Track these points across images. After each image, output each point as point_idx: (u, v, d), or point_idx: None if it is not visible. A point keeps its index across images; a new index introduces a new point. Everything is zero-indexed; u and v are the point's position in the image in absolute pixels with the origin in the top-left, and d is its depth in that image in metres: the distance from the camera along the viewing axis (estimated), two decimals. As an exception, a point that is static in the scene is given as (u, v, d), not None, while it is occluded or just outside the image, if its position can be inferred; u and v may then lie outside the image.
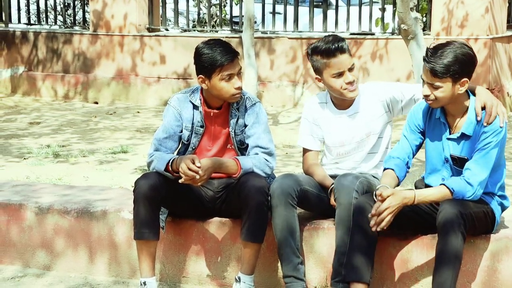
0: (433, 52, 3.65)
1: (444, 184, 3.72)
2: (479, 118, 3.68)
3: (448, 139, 3.80)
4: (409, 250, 3.97)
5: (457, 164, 3.79)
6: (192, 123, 4.14)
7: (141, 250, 4.00)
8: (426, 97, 3.71)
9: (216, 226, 4.27)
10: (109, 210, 4.44)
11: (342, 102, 4.15)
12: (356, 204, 3.79)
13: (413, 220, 3.87)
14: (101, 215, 4.44)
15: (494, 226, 3.86)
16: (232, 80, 4.02)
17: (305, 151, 4.26)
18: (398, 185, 3.91)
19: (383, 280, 4.02)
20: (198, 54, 4.08)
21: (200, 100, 4.14)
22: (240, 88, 4.04)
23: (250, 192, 3.90)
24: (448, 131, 3.80)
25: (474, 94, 3.78)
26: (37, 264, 4.56)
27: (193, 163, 3.88)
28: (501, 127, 3.68)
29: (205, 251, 4.30)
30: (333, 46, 4.00)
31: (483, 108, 3.69)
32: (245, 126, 4.12)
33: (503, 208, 3.90)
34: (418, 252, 3.96)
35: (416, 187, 4.03)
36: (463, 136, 3.75)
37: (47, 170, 6.61)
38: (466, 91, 3.75)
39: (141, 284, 4.00)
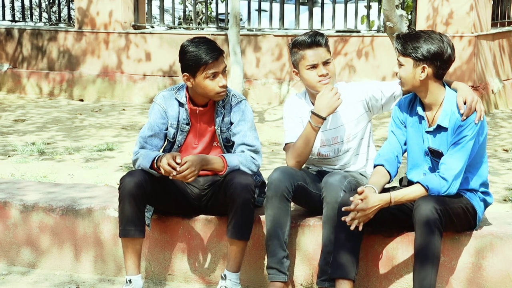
0: (409, 32, 3.79)
1: (419, 182, 3.76)
2: (462, 111, 3.70)
3: (427, 132, 3.83)
4: (394, 247, 3.99)
5: (435, 157, 3.82)
6: (178, 121, 4.14)
7: (126, 247, 3.99)
8: (395, 74, 3.82)
9: (202, 224, 4.26)
10: (95, 208, 4.43)
11: None
12: (340, 201, 3.80)
13: (398, 217, 3.89)
14: (86, 212, 4.43)
15: (477, 222, 3.88)
16: (216, 78, 4.01)
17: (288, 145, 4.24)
18: (390, 181, 3.93)
19: (369, 277, 4.03)
20: (183, 52, 4.07)
21: (186, 97, 4.14)
22: (225, 87, 4.04)
23: (236, 190, 3.90)
24: (426, 124, 3.83)
25: (453, 89, 3.81)
26: (22, 262, 4.55)
27: (174, 159, 3.88)
28: (475, 124, 3.70)
29: (190, 249, 4.29)
30: (310, 39, 4.07)
31: (464, 103, 3.72)
32: (231, 123, 4.12)
33: (486, 204, 3.92)
34: (403, 249, 3.98)
35: (400, 184, 4.04)
36: (440, 128, 3.79)
37: (32, 167, 6.58)
38: (443, 84, 3.80)
39: (126, 282, 4.00)
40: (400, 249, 3.98)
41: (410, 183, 3.90)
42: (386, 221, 3.89)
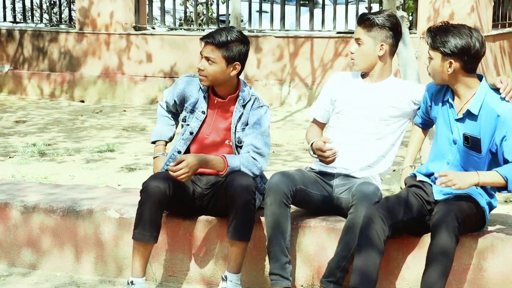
0: (441, 26, 3.79)
1: (497, 172, 3.71)
2: (499, 87, 3.72)
3: (456, 120, 3.83)
4: (396, 249, 3.98)
5: (470, 145, 3.79)
6: (194, 106, 4.16)
7: (137, 250, 4.00)
8: (427, 67, 3.84)
9: (203, 225, 4.26)
10: (95, 209, 4.42)
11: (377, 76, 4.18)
12: (370, 216, 3.75)
13: (407, 228, 3.88)
14: (87, 214, 4.42)
15: (485, 225, 3.88)
16: (201, 60, 4.08)
17: None
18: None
19: (370, 278, 4.02)
20: None
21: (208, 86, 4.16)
22: (200, 70, 4.06)
23: (237, 191, 3.90)
24: (455, 112, 3.84)
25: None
26: (22, 263, 4.54)
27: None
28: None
29: (192, 250, 4.29)
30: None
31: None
32: (247, 125, 4.13)
33: (491, 207, 3.92)
34: (405, 251, 3.97)
35: (405, 184, 4.03)
36: (469, 115, 3.78)
37: (33, 168, 6.58)
38: (477, 77, 3.80)
39: (128, 283, 4.00)
40: (401, 250, 3.98)
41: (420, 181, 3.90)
42: (399, 231, 3.88)
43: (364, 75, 4.20)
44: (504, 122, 3.70)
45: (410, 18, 10.20)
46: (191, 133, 4.15)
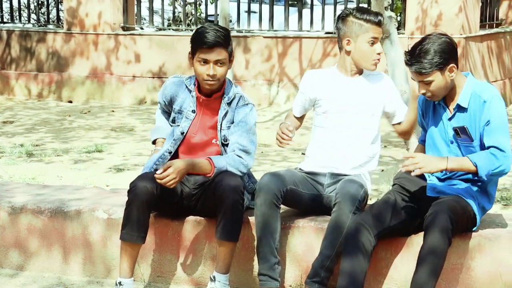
0: (412, 53, 3.74)
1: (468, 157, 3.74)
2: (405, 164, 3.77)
3: (449, 119, 3.85)
4: (384, 249, 3.99)
5: (459, 136, 3.81)
6: (182, 106, 4.17)
7: (125, 250, 4.00)
8: (424, 95, 3.80)
9: (192, 226, 4.26)
10: (83, 210, 4.41)
11: (355, 71, 4.21)
12: (353, 224, 3.78)
13: (397, 230, 3.89)
14: (75, 214, 4.41)
15: (475, 227, 3.89)
16: (206, 65, 4.02)
17: None
18: None
19: (358, 278, 4.03)
20: (195, 30, 4.15)
21: (194, 85, 4.15)
22: (213, 76, 4.02)
23: (225, 191, 3.90)
24: (448, 113, 3.86)
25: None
26: (10, 264, 4.52)
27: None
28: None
29: (180, 250, 4.28)
30: (377, 19, 4.11)
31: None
32: (233, 122, 4.13)
33: (484, 211, 3.92)
34: (393, 250, 3.98)
35: (394, 184, 4.04)
36: (459, 109, 3.80)
37: (21, 169, 6.56)
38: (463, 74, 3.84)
39: (116, 284, 3.99)
40: (389, 250, 3.99)
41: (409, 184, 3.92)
42: (387, 235, 3.89)
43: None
44: (489, 107, 3.74)
45: (398, 18, 10.22)
46: (181, 133, 4.15)
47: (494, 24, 10.99)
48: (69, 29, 11.12)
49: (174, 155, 4.15)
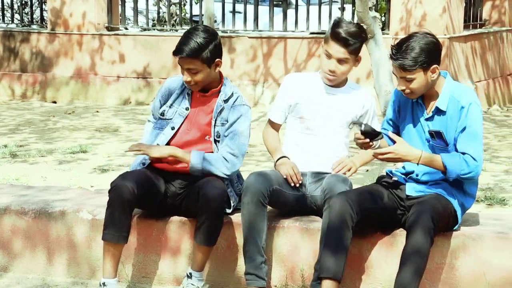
0: (398, 48, 3.74)
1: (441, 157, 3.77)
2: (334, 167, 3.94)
3: (426, 119, 3.87)
4: (368, 248, 4.00)
5: (436, 139, 3.83)
6: (174, 101, 4.18)
7: (107, 251, 4.00)
8: (402, 91, 3.80)
9: (176, 226, 4.25)
10: (68, 211, 4.40)
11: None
12: (332, 201, 3.79)
13: (378, 218, 3.90)
14: (59, 215, 4.39)
15: (457, 225, 3.92)
16: (183, 71, 4.07)
17: None
18: None
19: (343, 278, 4.03)
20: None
21: None
22: (188, 82, 4.07)
23: (208, 198, 3.92)
24: (425, 112, 3.87)
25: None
26: (-6, 265, 4.50)
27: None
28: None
29: (164, 251, 4.28)
30: (343, 35, 4.02)
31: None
32: (227, 120, 4.13)
33: (464, 208, 3.95)
34: (377, 249, 3.99)
35: (378, 182, 4.05)
36: (438, 112, 3.83)
37: (4, 170, 6.52)
38: (441, 74, 3.85)
39: (100, 285, 3.99)
40: (374, 250, 4.00)
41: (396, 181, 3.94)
42: (371, 220, 3.90)
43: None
44: (467, 114, 3.77)
45: (383, 18, 10.25)
46: (172, 128, 4.15)
47: (478, 25, 11.04)
48: (53, 29, 11.08)
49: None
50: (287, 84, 4.27)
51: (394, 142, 3.79)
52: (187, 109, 4.16)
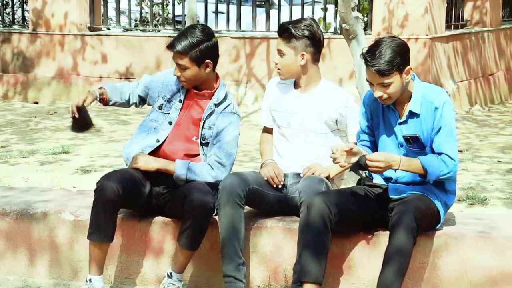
0: (371, 55, 3.73)
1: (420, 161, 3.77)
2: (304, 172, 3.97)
3: (399, 123, 3.87)
4: (350, 248, 4.01)
5: (412, 143, 3.84)
6: (172, 95, 4.20)
7: (93, 250, 4.02)
8: (379, 98, 3.78)
9: (159, 227, 4.24)
10: (50, 212, 4.37)
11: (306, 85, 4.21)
12: (310, 202, 3.79)
13: (358, 218, 3.91)
14: (41, 216, 4.37)
15: (439, 224, 3.93)
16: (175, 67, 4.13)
17: None
18: None
19: (326, 277, 4.03)
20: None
21: None
22: (178, 77, 4.12)
23: (195, 204, 3.92)
24: (398, 116, 3.88)
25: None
26: (-25, 267, 4.47)
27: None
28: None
29: (147, 252, 4.27)
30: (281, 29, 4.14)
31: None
32: (214, 125, 4.14)
33: (447, 207, 3.97)
34: (360, 249, 4.00)
35: (358, 184, 4.06)
36: (411, 115, 3.83)
37: (-14, 171, 6.48)
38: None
39: (86, 281, 4.02)
40: (356, 250, 4.01)
41: (374, 185, 3.94)
42: (351, 221, 3.90)
43: (295, 84, 4.23)
44: (442, 114, 3.79)
45: (365, 19, 10.28)
46: (170, 123, 4.17)
47: (460, 25, 11.10)
48: (34, 29, 11.02)
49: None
50: (267, 90, 4.35)
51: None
52: (180, 101, 4.19)
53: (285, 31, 4.11)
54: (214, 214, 4.09)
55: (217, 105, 4.16)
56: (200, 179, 4.07)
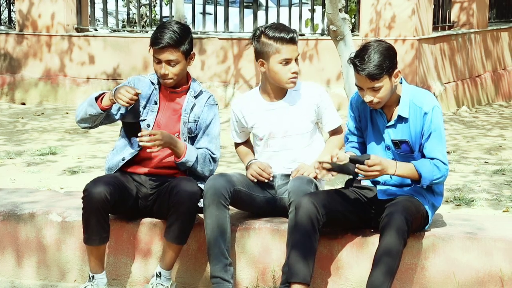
0: (360, 59, 3.73)
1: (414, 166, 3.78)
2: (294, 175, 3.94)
3: (387, 127, 3.88)
4: (339, 249, 4.02)
5: (399, 148, 3.85)
6: (148, 100, 4.16)
7: (90, 252, 4.05)
8: (369, 102, 3.78)
9: (147, 228, 4.24)
10: (37, 213, 4.36)
11: (277, 92, 4.15)
12: (298, 202, 3.80)
13: (346, 219, 3.91)
14: (28, 217, 4.36)
15: (427, 225, 3.95)
16: (160, 64, 4.06)
17: None
18: None
19: (314, 278, 4.04)
20: (157, 26, 4.16)
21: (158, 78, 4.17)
22: (164, 76, 4.06)
23: (181, 197, 3.92)
24: (386, 119, 3.88)
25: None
26: (-38, 269, 4.45)
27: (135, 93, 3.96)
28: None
29: (135, 253, 4.26)
30: (288, 36, 4.04)
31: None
32: (199, 117, 4.13)
33: (435, 208, 3.98)
34: (348, 250, 4.01)
35: (346, 186, 4.07)
36: (400, 119, 3.84)
37: (-28, 172, 6.46)
38: None
39: (89, 278, 4.06)
40: (345, 251, 4.01)
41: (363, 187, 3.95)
42: (339, 222, 3.91)
43: (262, 93, 4.20)
44: (432, 120, 3.80)
45: (353, 20, 10.30)
46: (148, 126, 4.15)
47: (447, 26, 11.14)
48: (21, 30, 10.98)
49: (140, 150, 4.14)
50: (233, 115, 4.26)
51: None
52: (155, 103, 4.16)
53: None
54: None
55: (195, 97, 4.15)
56: (200, 170, 4.07)
